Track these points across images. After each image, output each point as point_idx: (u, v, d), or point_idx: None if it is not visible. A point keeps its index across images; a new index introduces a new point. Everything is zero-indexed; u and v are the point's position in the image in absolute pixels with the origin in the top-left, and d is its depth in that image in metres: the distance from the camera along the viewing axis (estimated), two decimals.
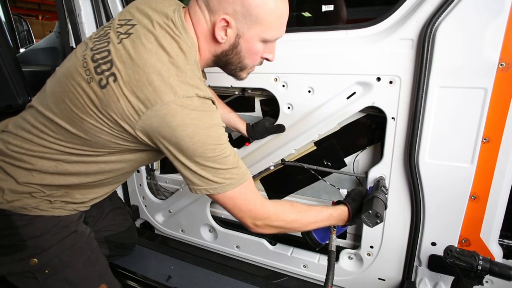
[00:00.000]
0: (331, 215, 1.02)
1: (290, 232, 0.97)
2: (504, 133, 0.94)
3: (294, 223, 0.95)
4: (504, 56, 0.87)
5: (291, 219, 0.94)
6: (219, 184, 0.83)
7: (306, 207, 0.99)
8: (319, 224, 1.00)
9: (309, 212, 0.98)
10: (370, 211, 0.97)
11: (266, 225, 0.91)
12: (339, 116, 1.16)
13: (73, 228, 0.99)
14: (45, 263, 0.93)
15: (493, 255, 1.05)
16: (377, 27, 1.05)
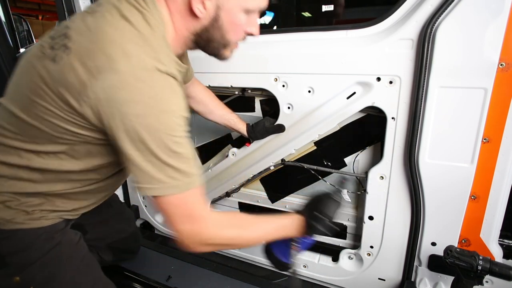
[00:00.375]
0: (283, 225, 0.89)
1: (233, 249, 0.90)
2: (504, 133, 0.94)
3: (238, 239, 0.83)
4: (504, 56, 0.87)
5: (235, 236, 0.82)
6: (162, 184, 0.70)
7: (253, 218, 0.87)
8: (270, 237, 0.89)
9: (257, 225, 0.87)
10: (317, 212, 0.88)
11: (207, 244, 0.80)
12: (339, 116, 1.16)
13: (58, 238, 0.91)
14: (29, 280, 0.87)
15: (493, 255, 1.05)
16: (377, 27, 1.05)
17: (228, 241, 0.83)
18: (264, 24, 2.42)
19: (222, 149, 1.57)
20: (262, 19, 2.48)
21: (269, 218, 0.89)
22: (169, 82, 0.70)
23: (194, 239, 0.77)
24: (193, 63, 1.33)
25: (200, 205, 0.77)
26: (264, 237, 0.89)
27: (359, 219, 1.34)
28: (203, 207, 0.77)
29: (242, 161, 1.39)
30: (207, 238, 0.79)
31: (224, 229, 0.81)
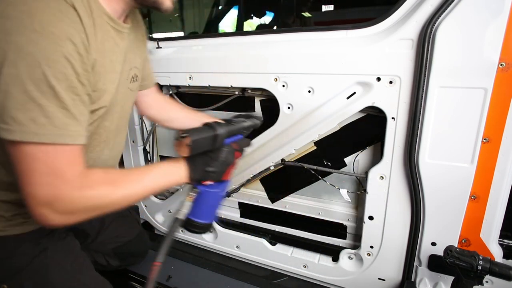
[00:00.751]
0: (164, 173, 0.78)
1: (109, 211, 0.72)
2: (504, 133, 0.94)
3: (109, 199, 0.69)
4: (504, 56, 0.87)
5: (105, 195, 0.68)
6: (20, 126, 0.56)
7: (127, 172, 0.77)
8: (151, 189, 0.76)
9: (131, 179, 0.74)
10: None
11: (70, 212, 0.64)
12: (339, 116, 1.16)
13: (45, 243, 0.89)
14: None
15: (493, 255, 1.05)
16: (377, 27, 1.05)
17: (102, 203, 0.68)
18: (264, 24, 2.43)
19: None
20: (262, 19, 2.49)
21: (146, 168, 0.79)
22: (61, 7, 0.58)
23: (56, 205, 0.62)
24: (194, 63, 1.34)
25: (70, 164, 0.62)
26: (144, 191, 0.75)
27: (359, 219, 1.34)
28: (73, 167, 0.63)
29: (242, 161, 1.39)
30: (72, 201, 0.63)
31: (96, 188, 0.66)
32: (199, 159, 0.80)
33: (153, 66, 1.42)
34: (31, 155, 0.58)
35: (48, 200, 0.61)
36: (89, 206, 0.67)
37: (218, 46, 1.33)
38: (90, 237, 1.22)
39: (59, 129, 0.60)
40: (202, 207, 0.85)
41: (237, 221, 1.61)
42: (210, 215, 0.88)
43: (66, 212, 0.64)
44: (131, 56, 0.91)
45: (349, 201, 1.36)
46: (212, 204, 0.88)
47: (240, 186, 1.50)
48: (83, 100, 0.66)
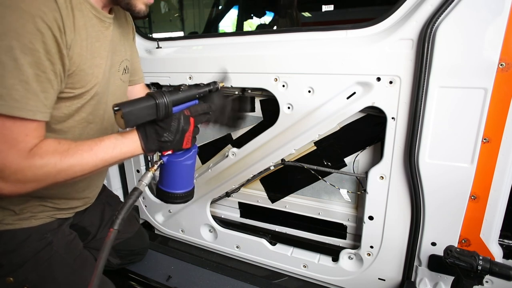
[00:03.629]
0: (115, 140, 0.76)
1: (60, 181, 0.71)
2: (504, 133, 0.94)
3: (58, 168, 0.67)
4: (504, 56, 0.87)
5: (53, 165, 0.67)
6: None
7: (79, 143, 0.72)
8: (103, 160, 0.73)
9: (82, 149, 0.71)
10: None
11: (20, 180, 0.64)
12: (339, 116, 1.16)
13: (50, 238, 0.92)
14: (22, 280, 0.88)
15: (493, 255, 1.05)
16: (377, 27, 1.05)
17: (51, 172, 0.67)
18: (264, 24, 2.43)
19: (222, 149, 1.57)
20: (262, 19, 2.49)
21: (99, 139, 0.75)
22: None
23: (4, 173, 0.63)
24: (194, 63, 1.34)
25: (25, 136, 0.63)
26: (95, 161, 0.72)
27: (359, 219, 1.34)
28: (28, 139, 0.64)
29: (242, 161, 1.39)
30: (21, 170, 0.63)
31: (44, 157, 0.66)
32: (150, 129, 0.77)
33: (153, 66, 1.42)
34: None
35: (2, 169, 0.61)
36: (38, 175, 0.65)
37: (218, 46, 1.33)
38: (91, 234, 1.23)
39: (17, 102, 0.61)
40: (170, 177, 0.82)
41: (237, 221, 1.61)
42: (181, 185, 0.83)
43: (15, 181, 0.64)
44: (120, 48, 0.96)
45: (349, 201, 1.36)
46: (180, 174, 0.83)
47: (240, 186, 1.50)
48: (49, 78, 0.66)
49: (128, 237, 1.35)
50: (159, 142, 0.77)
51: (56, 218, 0.95)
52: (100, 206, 1.27)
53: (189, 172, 0.86)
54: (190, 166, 0.85)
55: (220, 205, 1.63)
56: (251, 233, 1.51)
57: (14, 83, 0.60)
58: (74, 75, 0.76)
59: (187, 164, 0.83)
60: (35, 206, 0.89)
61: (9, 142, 0.62)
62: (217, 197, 1.56)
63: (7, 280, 0.87)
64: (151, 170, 0.77)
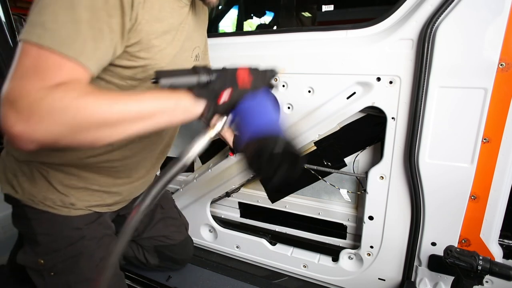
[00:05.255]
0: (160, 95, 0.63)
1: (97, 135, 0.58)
2: (504, 133, 0.94)
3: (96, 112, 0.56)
4: (504, 56, 0.87)
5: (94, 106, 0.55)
6: (29, 27, 0.57)
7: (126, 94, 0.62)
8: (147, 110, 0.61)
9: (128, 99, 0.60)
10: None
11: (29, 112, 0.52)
12: (339, 116, 1.16)
13: (84, 232, 0.94)
14: (51, 266, 0.92)
15: (493, 255, 1.05)
16: (377, 27, 1.05)
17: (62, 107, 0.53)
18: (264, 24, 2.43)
19: (222, 149, 1.57)
20: (262, 19, 2.49)
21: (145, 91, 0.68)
22: None
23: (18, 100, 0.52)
24: None
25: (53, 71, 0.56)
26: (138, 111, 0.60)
27: (359, 219, 1.34)
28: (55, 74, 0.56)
29: (242, 161, 1.39)
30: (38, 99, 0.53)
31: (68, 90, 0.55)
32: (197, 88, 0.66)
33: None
34: (25, 52, 0.56)
35: (12, 95, 0.53)
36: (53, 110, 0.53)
37: (218, 46, 1.33)
38: (137, 231, 1.25)
39: (63, 38, 0.56)
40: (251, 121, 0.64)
41: (237, 221, 1.61)
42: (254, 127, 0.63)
43: (28, 114, 0.52)
44: (195, 35, 0.92)
45: (349, 201, 1.36)
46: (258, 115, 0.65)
47: (240, 186, 1.50)
48: (102, 28, 0.60)
49: (172, 244, 1.34)
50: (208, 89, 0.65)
51: (93, 211, 0.96)
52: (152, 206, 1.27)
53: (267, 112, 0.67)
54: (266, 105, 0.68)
55: (220, 205, 1.63)
56: (251, 233, 1.52)
57: (66, 20, 0.56)
58: (141, 43, 0.69)
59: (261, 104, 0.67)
60: (78, 189, 0.89)
61: (36, 71, 0.55)
62: (217, 197, 1.56)
63: (39, 261, 0.90)
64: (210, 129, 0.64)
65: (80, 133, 0.55)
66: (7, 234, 1.57)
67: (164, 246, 1.33)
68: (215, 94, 0.66)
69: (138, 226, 1.23)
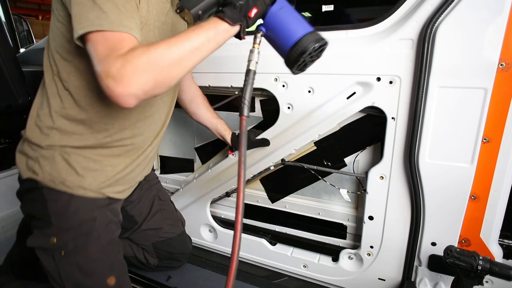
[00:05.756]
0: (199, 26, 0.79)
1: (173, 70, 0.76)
2: (504, 133, 0.94)
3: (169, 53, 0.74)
4: (504, 56, 0.87)
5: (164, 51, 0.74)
6: (88, 22, 0.74)
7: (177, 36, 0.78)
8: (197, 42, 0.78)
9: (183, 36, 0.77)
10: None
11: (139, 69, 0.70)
12: (339, 116, 1.16)
13: (95, 214, 0.99)
14: (62, 245, 0.95)
15: (493, 255, 1.05)
16: (377, 27, 1.05)
17: (149, 61, 0.72)
18: None
19: (222, 149, 1.57)
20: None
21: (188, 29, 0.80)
22: None
23: (110, 72, 0.69)
24: None
25: (122, 42, 0.74)
26: (191, 45, 0.78)
27: (359, 219, 1.34)
28: (124, 43, 0.74)
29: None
30: (122, 64, 0.70)
31: (138, 49, 0.73)
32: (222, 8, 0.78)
33: None
34: (96, 40, 0.74)
35: (105, 71, 0.70)
36: (139, 67, 0.70)
37: None
38: (137, 224, 1.29)
39: (114, 21, 0.75)
40: (282, 31, 0.77)
41: None
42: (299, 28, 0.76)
43: (121, 77, 0.69)
44: (178, 27, 1.04)
45: (349, 201, 1.36)
46: (290, 20, 0.76)
47: None
48: (134, 10, 0.81)
49: (170, 237, 1.36)
50: (236, 7, 0.76)
51: (105, 195, 1.01)
52: (151, 198, 1.33)
53: (295, 16, 0.78)
54: (289, 9, 0.78)
55: (220, 205, 1.63)
56: (251, 233, 1.52)
57: (110, 10, 0.75)
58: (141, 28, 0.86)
59: (286, 10, 0.77)
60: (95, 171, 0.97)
61: (110, 49, 0.73)
62: (217, 197, 1.56)
63: (51, 240, 0.94)
64: (255, 46, 0.76)
65: (160, 75, 0.73)
66: (7, 234, 1.57)
67: (162, 241, 1.34)
68: (245, 12, 0.77)
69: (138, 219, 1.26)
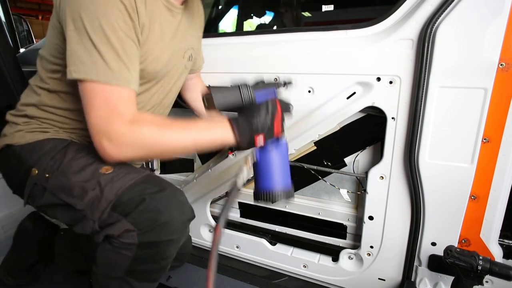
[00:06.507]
0: (208, 124, 0.82)
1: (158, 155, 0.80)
2: (504, 133, 0.94)
3: (161, 139, 0.76)
4: (504, 56, 0.87)
5: (157, 135, 0.76)
6: (85, 67, 0.71)
7: (180, 120, 0.80)
8: (200, 140, 0.80)
9: (184, 126, 0.79)
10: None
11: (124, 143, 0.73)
12: (339, 116, 1.16)
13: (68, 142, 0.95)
14: (43, 169, 0.89)
15: (493, 255, 1.05)
16: (377, 27, 1.05)
17: (145, 140, 0.75)
18: (264, 24, 2.43)
19: (222, 149, 1.57)
20: (262, 19, 2.49)
21: (191, 120, 0.82)
22: None
23: (107, 136, 0.72)
24: None
25: (121, 102, 0.73)
26: (189, 140, 0.79)
27: (359, 219, 1.34)
28: (124, 105, 0.74)
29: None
30: (119, 134, 0.72)
31: (141, 126, 0.74)
32: (240, 117, 0.82)
33: None
34: (92, 91, 0.72)
35: (103, 130, 0.72)
36: (138, 142, 0.74)
37: (218, 46, 1.33)
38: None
39: (113, 73, 0.72)
40: (266, 173, 0.80)
41: (237, 221, 1.61)
42: (279, 179, 0.81)
43: (118, 144, 0.73)
44: (188, 37, 1.03)
45: (349, 201, 1.36)
46: (277, 167, 0.81)
47: None
48: (133, 53, 0.77)
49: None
50: (250, 126, 0.81)
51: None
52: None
53: (285, 165, 0.83)
54: (284, 157, 0.83)
55: (220, 205, 1.63)
56: (251, 233, 1.52)
57: (110, 57, 0.72)
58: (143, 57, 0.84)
59: (281, 153, 0.82)
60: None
61: (110, 107, 0.72)
62: (217, 197, 1.56)
63: (32, 172, 0.89)
64: (245, 165, 0.81)
65: (154, 154, 0.83)
66: (7, 234, 1.57)
67: None
68: (252, 135, 0.81)
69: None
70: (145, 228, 0.77)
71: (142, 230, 0.78)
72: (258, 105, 0.82)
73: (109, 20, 0.71)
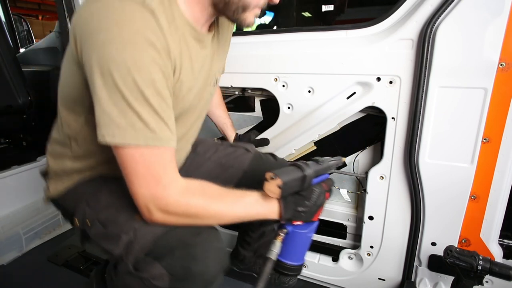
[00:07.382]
0: (255, 201, 0.78)
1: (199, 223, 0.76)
2: (504, 133, 0.94)
3: (204, 211, 0.73)
4: (504, 56, 0.87)
5: (201, 206, 0.73)
6: (120, 130, 0.62)
7: (224, 190, 0.77)
8: (240, 213, 0.77)
9: (227, 197, 0.77)
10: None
11: (168, 212, 0.69)
12: (339, 116, 1.16)
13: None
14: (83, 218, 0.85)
15: (493, 255, 1.05)
16: (377, 27, 1.05)
17: (192, 212, 0.72)
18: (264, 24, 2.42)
19: None
20: (262, 19, 2.49)
21: (241, 193, 0.79)
22: (144, 15, 0.61)
23: (153, 204, 0.68)
24: None
25: (164, 167, 0.68)
26: (235, 214, 0.77)
27: (359, 219, 1.34)
28: (167, 171, 0.68)
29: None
30: (167, 204, 0.69)
31: (189, 197, 0.71)
32: (291, 198, 0.80)
33: None
34: (131, 157, 0.65)
35: (150, 199, 0.67)
36: (185, 212, 0.71)
37: None
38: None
39: (154, 133, 0.64)
40: (291, 248, 0.83)
41: None
42: (299, 257, 0.85)
43: (166, 213, 0.70)
44: (215, 63, 0.94)
45: (349, 201, 1.36)
46: (302, 245, 0.85)
47: None
48: (169, 105, 0.68)
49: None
50: (295, 211, 0.79)
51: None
52: None
53: (307, 245, 0.86)
54: (310, 239, 0.86)
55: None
56: None
57: (147, 116, 0.63)
58: (175, 97, 0.76)
59: (309, 236, 0.85)
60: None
61: (154, 176, 0.66)
62: None
63: (75, 224, 0.85)
64: (278, 239, 0.80)
65: (199, 223, 0.74)
66: (7, 234, 1.57)
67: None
68: (295, 219, 0.81)
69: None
70: (178, 275, 0.74)
71: (175, 277, 0.75)
72: (310, 190, 0.80)
73: (144, 74, 0.62)
